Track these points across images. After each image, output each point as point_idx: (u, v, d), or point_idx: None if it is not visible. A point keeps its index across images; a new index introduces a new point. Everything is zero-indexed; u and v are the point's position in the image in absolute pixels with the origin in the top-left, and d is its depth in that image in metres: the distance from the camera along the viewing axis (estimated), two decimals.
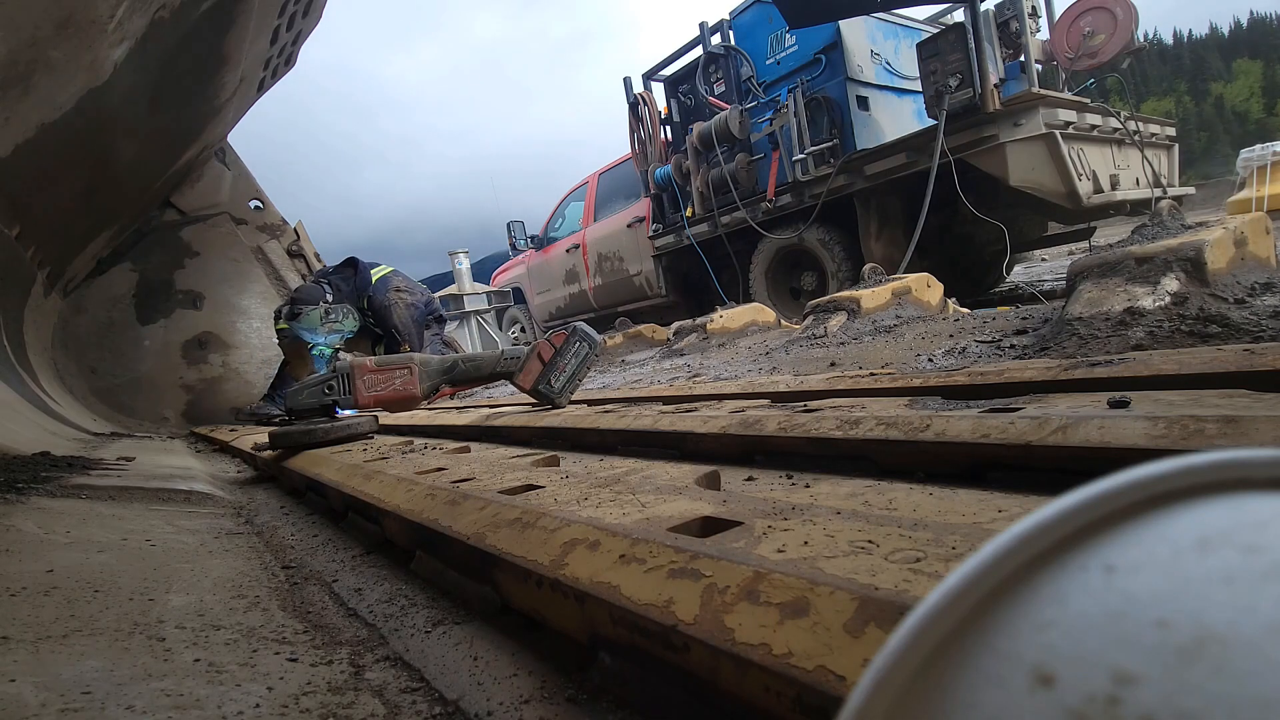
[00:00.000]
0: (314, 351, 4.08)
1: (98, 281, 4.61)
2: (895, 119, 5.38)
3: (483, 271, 11.99)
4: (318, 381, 1.89)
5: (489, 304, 8.93)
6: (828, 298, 3.16)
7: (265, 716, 0.51)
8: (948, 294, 3.31)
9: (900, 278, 3.21)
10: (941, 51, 4.19)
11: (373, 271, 4.51)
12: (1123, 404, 0.80)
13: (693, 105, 5.95)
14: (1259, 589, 0.15)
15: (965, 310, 3.17)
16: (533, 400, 1.98)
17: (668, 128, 6.27)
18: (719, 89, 5.73)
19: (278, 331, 4.19)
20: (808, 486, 0.80)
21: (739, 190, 5.52)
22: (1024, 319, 2.29)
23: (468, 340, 8.38)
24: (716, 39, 5.77)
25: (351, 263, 4.54)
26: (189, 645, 0.64)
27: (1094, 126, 4.31)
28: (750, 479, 0.91)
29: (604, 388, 2.84)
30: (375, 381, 1.91)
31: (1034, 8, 4.55)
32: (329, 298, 4.24)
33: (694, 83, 5.82)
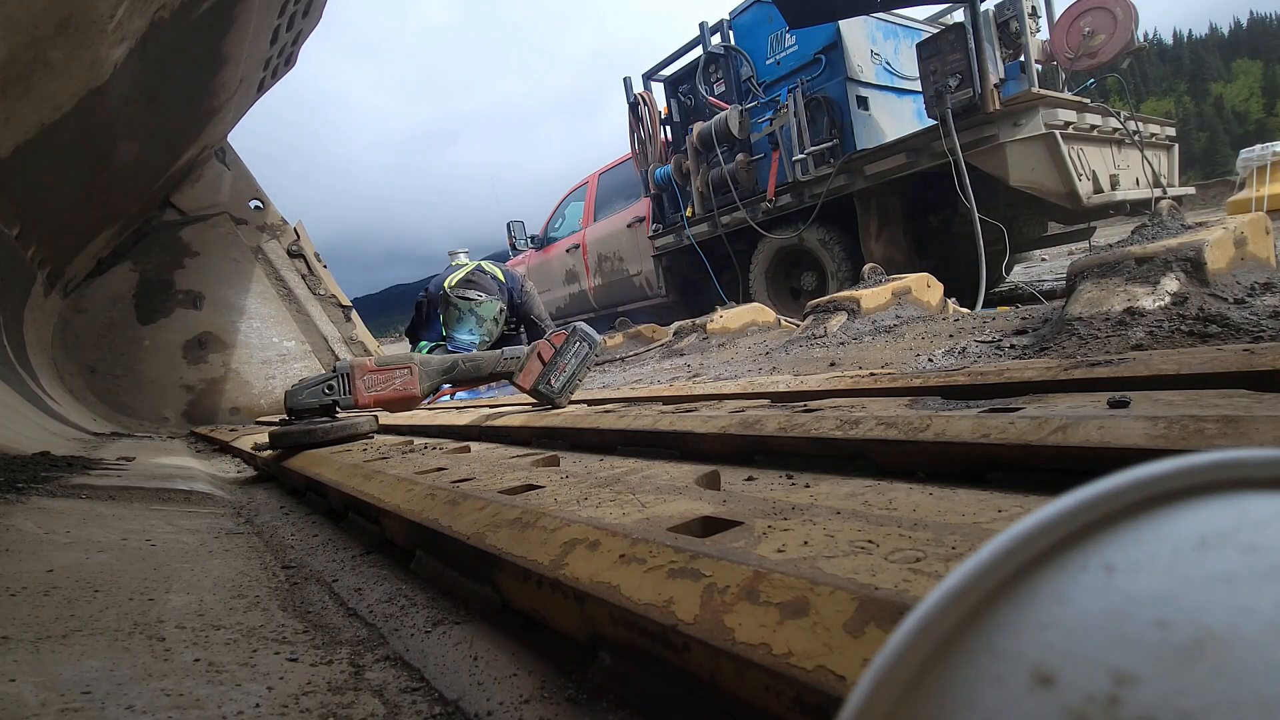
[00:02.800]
0: (463, 336, 4.27)
1: (98, 281, 4.61)
2: (895, 119, 5.38)
3: None
4: (317, 381, 1.89)
5: None
6: (828, 298, 3.16)
7: (265, 716, 0.51)
8: (948, 294, 3.31)
9: (900, 278, 3.21)
10: (941, 51, 4.19)
11: (458, 270, 4.64)
12: (1123, 404, 0.80)
13: (693, 105, 5.95)
14: (1259, 589, 0.15)
15: (965, 310, 3.17)
16: (533, 400, 1.98)
17: (668, 128, 6.26)
18: (719, 89, 5.73)
19: (452, 293, 4.33)
20: (808, 486, 0.80)
21: (739, 190, 5.52)
22: (1024, 319, 2.29)
23: None
24: (716, 39, 5.77)
25: (481, 268, 4.68)
26: (189, 645, 0.64)
27: (1094, 126, 4.31)
28: (750, 479, 0.91)
29: (604, 388, 2.84)
30: (375, 381, 1.91)
31: (1034, 8, 4.55)
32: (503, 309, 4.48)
33: (694, 83, 5.82)
